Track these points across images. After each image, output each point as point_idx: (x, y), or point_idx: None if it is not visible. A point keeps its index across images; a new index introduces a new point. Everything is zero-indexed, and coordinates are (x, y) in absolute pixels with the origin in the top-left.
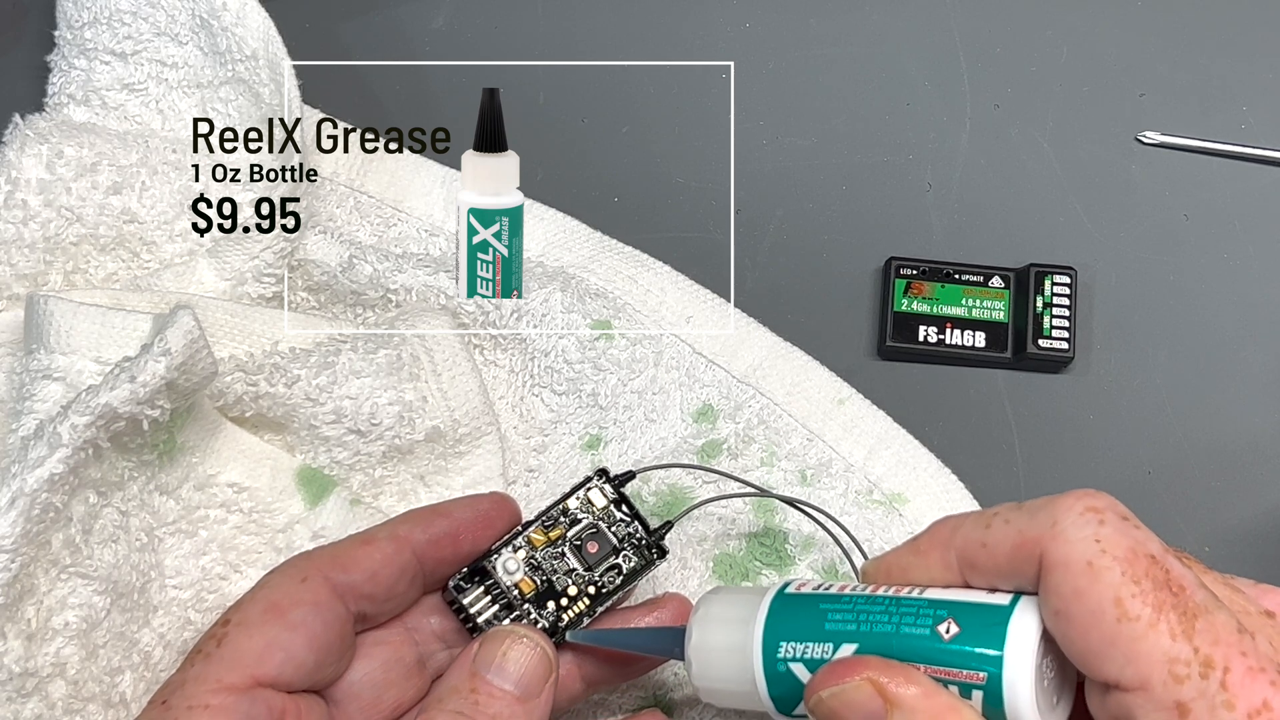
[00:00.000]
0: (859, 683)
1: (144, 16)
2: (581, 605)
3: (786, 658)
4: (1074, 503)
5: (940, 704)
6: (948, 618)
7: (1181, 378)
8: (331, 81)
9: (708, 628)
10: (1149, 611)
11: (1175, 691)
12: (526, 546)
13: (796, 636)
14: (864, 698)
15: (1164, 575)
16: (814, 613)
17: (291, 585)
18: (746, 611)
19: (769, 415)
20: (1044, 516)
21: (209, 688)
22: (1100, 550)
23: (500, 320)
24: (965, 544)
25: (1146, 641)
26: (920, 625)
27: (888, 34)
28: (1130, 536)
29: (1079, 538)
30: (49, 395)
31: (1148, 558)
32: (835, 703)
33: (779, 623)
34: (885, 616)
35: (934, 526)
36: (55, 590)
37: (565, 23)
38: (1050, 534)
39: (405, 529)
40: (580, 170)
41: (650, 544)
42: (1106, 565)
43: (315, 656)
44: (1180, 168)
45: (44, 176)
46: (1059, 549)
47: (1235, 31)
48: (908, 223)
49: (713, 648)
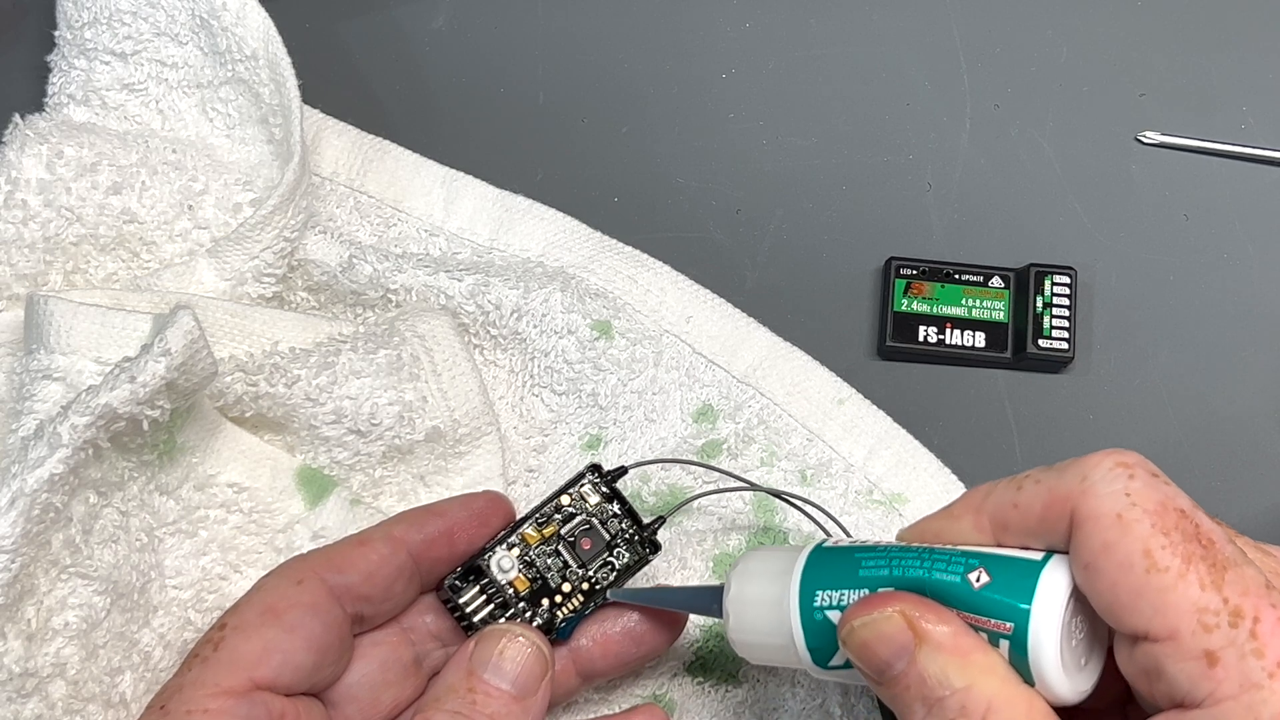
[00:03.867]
0: (891, 614)
1: (144, 16)
2: (575, 602)
3: (823, 606)
4: (1103, 459)
5: (968, 644)
6: (979, 566)
7: (1181, 378)
8: (331, 81)
9: (746, 581)
10: (1178, 563)
11: (1204, 640)
12: (520, 544)
13: (832, 584)
14: (895, 629)
15: (1193, 528)
16: (849, 562)
17: (288, 587)
18: (784, 565)
19: (769, 415)
20: (1074, 473)
21: (207, 692)
22: (1130, 503)
23: (500, 320)
24: (998, 506)
25: (1175, 592)
26: (952, 572)
27: (888, 34)
28: (1160, 491)
29: (1109, 492)
30: (49, 395)
31: (1177, 511)
32: (866, 633)
33: (815, 573)
34: (918, 562)
35: (966, 493)
36: (55, 590)
37: (565, 23)
38: (1080, 489)
39: (401, 529)
40: (580, 170)
41: (643, 539)
42: (1136, 518)
43: (313, 659)
44: (1180, 168)
45: (44, 176)
46: (1089, 503)
47: (1235, 31)
48: (908, 223)
49: (750, 600)
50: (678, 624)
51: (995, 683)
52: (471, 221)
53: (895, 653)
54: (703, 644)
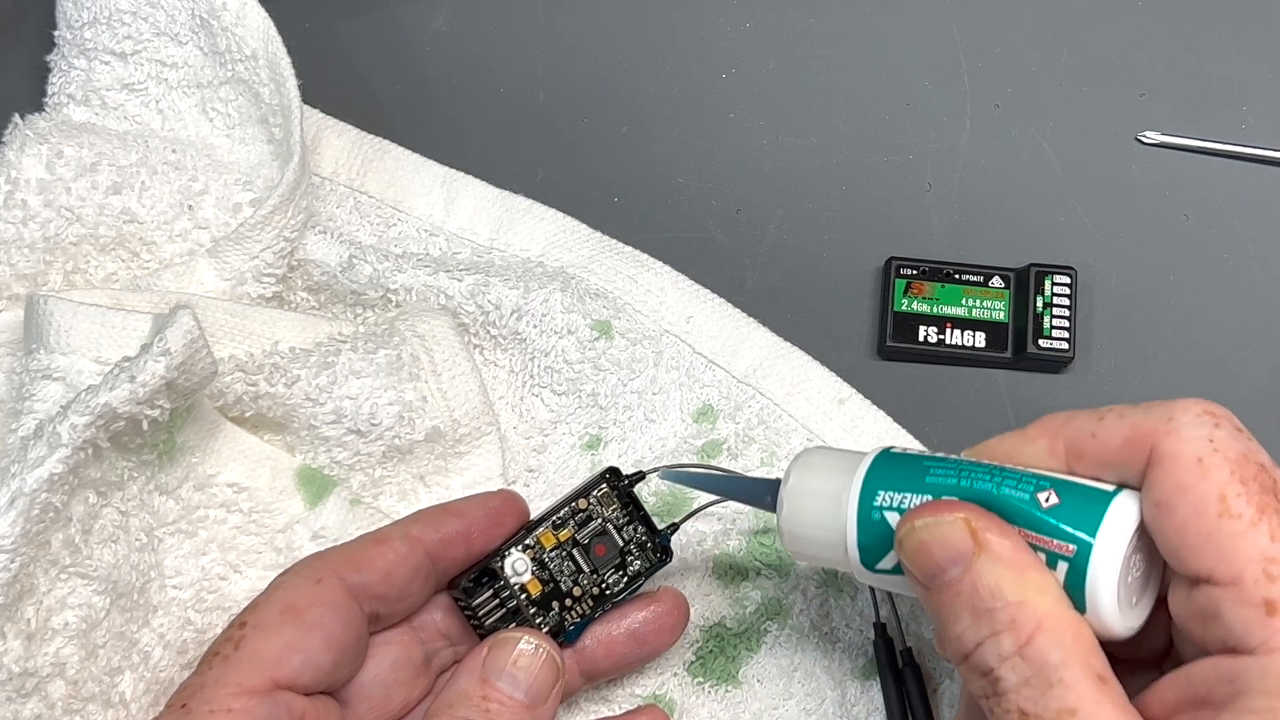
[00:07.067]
0: (955, 519)
1: (144, 16)
2: (585, 607)
3: (883, 506)
4: (1193, 404)
5: (1027, 560)
6: (1050, 488)
7: (1181, 378)
8: (331, 81)
9: (807, 473)
10: (1252, 511)
11: (1267, 589)
12: (535, 546)
13: (896, 486)
14: (957, 535)
15: (1271, 483)
16: (917, 467)
17: (307, 586)
18: (848, 463)
19: (769, 415)
20: (1160, 413)
21: (229, 691)
22: (1213, 449)
23: (500, 320)
24: (1076, 434)
25: (1245, 539)
26: (1021, 490)
27: (888, 34)
28: (1243, 443)
29: (1193, 435)
30: (49, 395)
31: (1257, 465)
32: (927, 534)
33: (880, 473)
34: (987, 476)
35: (1044, 417)
36: (55, 590)
37: (565, 23)
38: (1165, 429)
39: (418, 529)
40: (580, 170)
41: (656, 546)
42: (1217, 464)
43: (332, 658)
44: (1180, 168)
45: (44, 176)
46: (1172, 443)
47: (1235, 31)
48: (908, 223)
49: (809, 490)
50: (680, 625)
51: (1048, 602)
52: (471, 221)
53: (952, 558)
54: (703, 644)
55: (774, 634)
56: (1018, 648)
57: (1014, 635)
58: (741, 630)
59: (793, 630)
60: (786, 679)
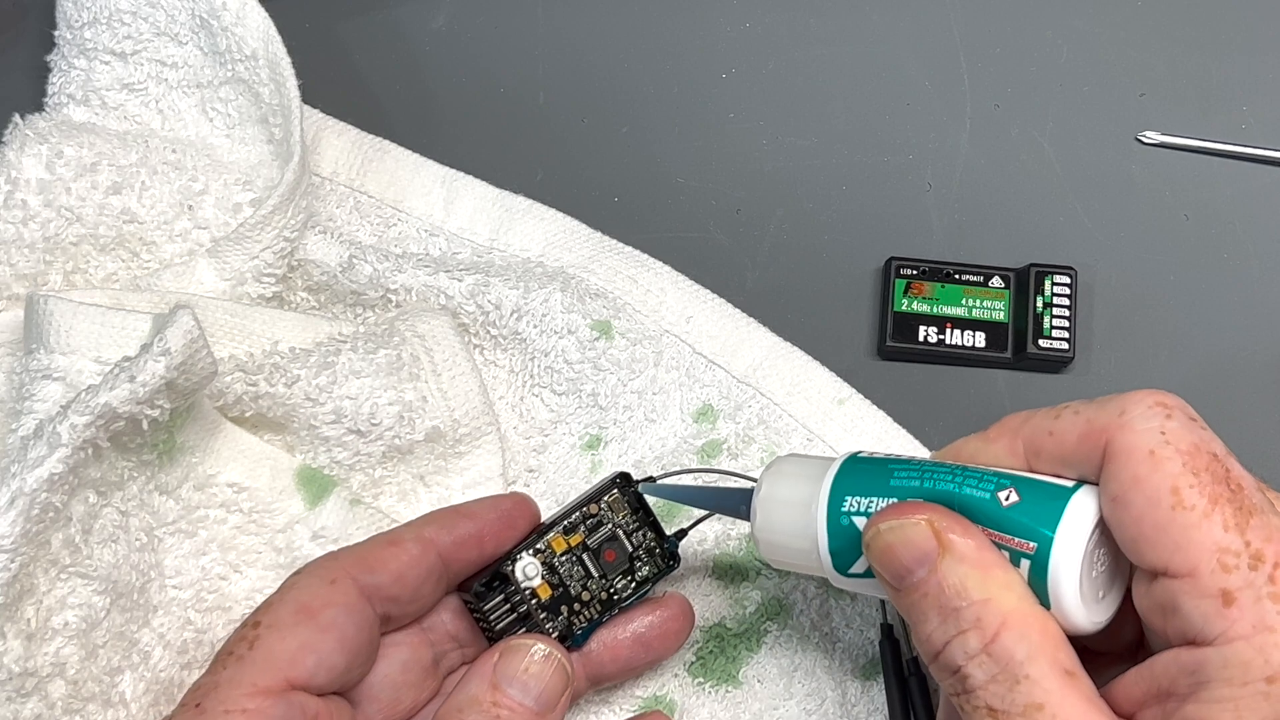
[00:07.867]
0: (918, 521)
1: (144, 16)
2: (593, 611)
3: (850, 511)
4: (1144, 397)
5: (991, 559)
6: (1010, 486)
7: (1181, 378)
8: (331, 81)
9: (777, 481)
10: (1204, 502)
11: (1222, 580)
12: (546, 551)
13: (862, 491)
14: (920, 537)
15: (1223, 472)
16: (882, 471)
17: (321, 586)
18: (816, 470)
19: (769, 415)
20: (1113, 407)
21: (244, 691)
22: (1164, 441)
23: (500, 320)
24: (1034, 432)
25: (1199, 530)
26: (982, 489)
27: (888, 34)
28: (1195, 434)
29: (1145, 428)
30: (49, 395)
31: (1209, 455)
32: (892, 537)
33: (847, 479)
34: (949, 477)
35: (1005, 418)
36: (55, 590)
37: (565, 23)
38: (1118, 423)
39: (432, 531)
40: (580, 170)
41: (665, 553)
42: (1168, 456)
43: (346, 658)
44: (1180, 168)
45: (44, 176)
46: (1124, 437)
47: (1235, 31)
48: (908, 223)
49: (780, 499)
50: (685, 631)
51: (1013, 599)
52: (471, 221)
53: (918, 559)
54: (703, 644)
55: (774, 634)
56: (984, 645)
57: (980, 633)
58: (742, 630)
59: (793, 630)
60: (787, 679)
